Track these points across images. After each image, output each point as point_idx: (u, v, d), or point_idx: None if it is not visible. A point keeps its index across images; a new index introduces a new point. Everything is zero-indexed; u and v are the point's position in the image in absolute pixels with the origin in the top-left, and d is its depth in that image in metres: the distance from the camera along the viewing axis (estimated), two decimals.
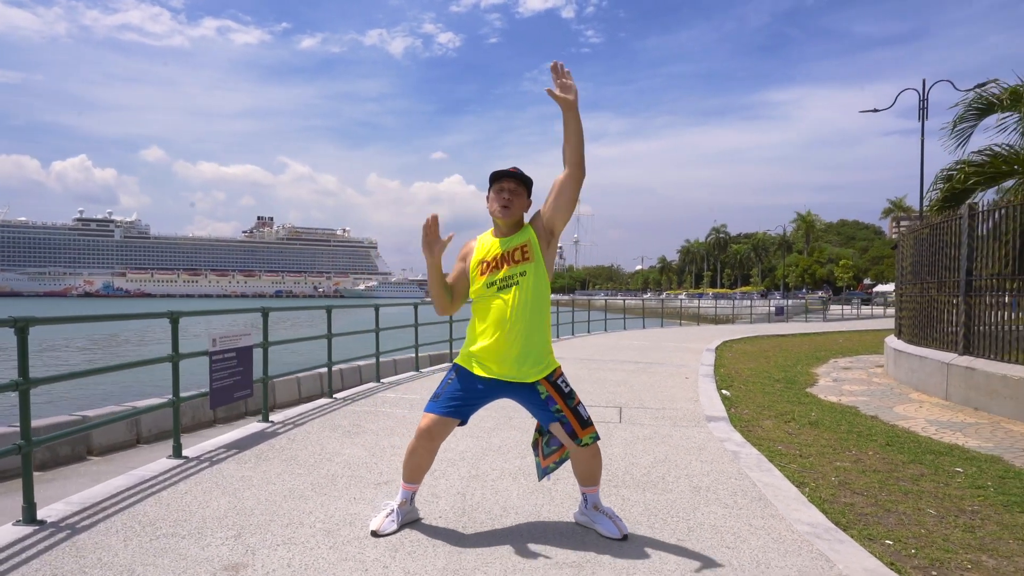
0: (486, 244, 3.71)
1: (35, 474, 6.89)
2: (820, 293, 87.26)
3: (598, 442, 3.70)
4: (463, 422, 3.71)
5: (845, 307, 51.47)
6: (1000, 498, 4.70)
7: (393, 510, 3.78)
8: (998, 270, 8.50)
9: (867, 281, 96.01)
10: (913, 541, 3.84)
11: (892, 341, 12.06)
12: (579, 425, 3.63)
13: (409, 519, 3.86)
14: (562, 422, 3.63)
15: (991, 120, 10.74)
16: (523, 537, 3.68)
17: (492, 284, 3.60)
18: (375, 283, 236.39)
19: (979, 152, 11.02)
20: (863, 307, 52.95)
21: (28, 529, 3.77)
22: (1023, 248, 8.01)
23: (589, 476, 3.77)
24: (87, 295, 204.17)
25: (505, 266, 3.60)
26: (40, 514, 3.97)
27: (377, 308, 10.22)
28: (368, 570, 3.23)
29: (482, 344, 3.61)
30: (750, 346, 17.67)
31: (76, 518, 3.94)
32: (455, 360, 3.78)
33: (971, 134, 10.91)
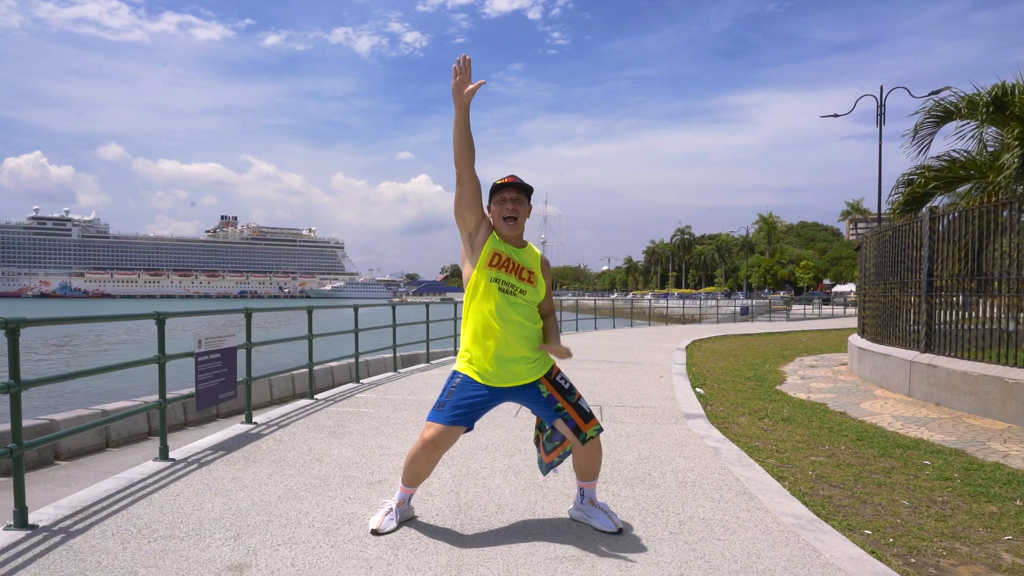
0: (500, 239, 3.67)
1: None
2: (782, 293, 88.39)
3: (600, 436, 3.74)
4: (469, 429, 3.70)
5: (807, 307, 52.23)
6: (967, 488, 4.88)
7: (391, 508, 3.78)
8: (957, 271, 8.75)
9: (826, 281, 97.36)
10: (890, 531, 3.99)
11: (856, 340, 12.32)
12: (582, 420, 3.68)
13: (406, 517, 3.87)
14: (565, 419, 3.68)
15: (950, 127, 11.04)
16: (521, 533, 3.73)
17: (496, 281, 3.59)
18: (342, 283, 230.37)
19: (938, 158, 11.32)
20: (824, 307, 53.72)
21: (21, 533, 3.71)
22: (980, 250, 8.28)
23: (590, 470, 3.81)
24: (43, 296, 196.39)
25: (516, 277, 3.63)
26: (31, 518, 3.91)
27: (356, 308, 10.14)
28: (372, 568, 3.25)
29: (482, 353, 3.61)
30: (719, 345, 17.90)
31: (68, 522, 3.88)
32: (456, 368, 3.75)
33: (931, 141, 11.21)
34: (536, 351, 3.71)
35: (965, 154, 11.11)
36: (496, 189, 3.66)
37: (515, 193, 3.62)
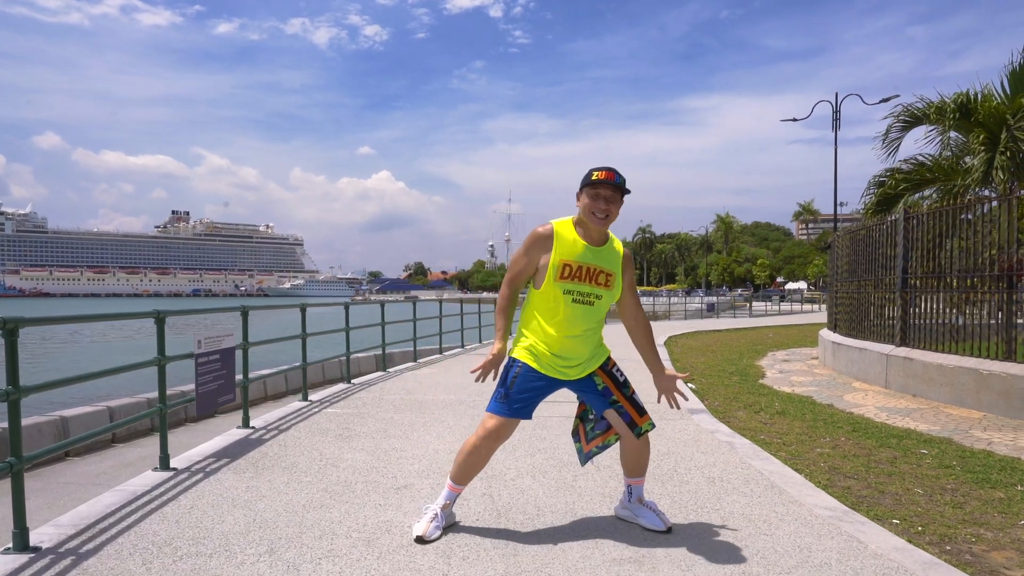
0: (571, 244, 3.43)
1: None
2: (740, 291, 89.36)
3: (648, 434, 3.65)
4: (528, 418, 3.56)
5: (767, 304, 52.94)
6: (969, 475, 4.95)
7: (437, 514, 3.55)
8: (930, 269, 8.89)
9: (780, 279, 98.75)
10: (916, 520, 4.00)
11: (828, 334, 12.45)
12: (636, 414, 3.58)
13: (449, 522, 3.66)
14: (620, 412, 3.57)
15: (918, 131, 11.21)
16: (569, 536, 3.60)
17: (569, 292, 3.40)
18: (302, 281, 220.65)
19: (906, 161, 11.49)
20: (781, 303, 54.44)
21: (24, 558, 3.26)
22: (941, 248, 8.46)
23: (638, 466, 3.72)
24: None
25: (590, 282, 3.42)
26: (33, 539, 3.48)
27: (347, 307, 9.86)
28: None
29: (549, 346, 3.45)
30: (693, 341, 18.02)
31: (75, 542, 3.49)
32: (514, 354, 3.57)
33: (900, 144, 11.38)
34: (595, 348, 3.57)
35: (931, 158, 11.28)
36: (592, 183, 3.40)
37: (610, 192, 3.38)
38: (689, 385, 9.33)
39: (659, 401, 3.80)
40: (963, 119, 10.02)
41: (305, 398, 7.89)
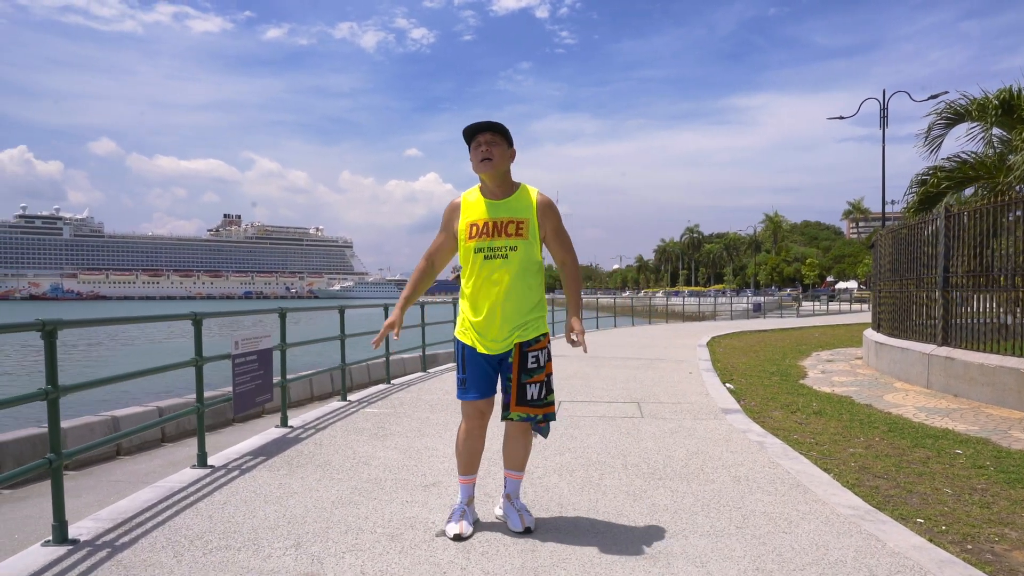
0: (473, 204, 3.45)
1: (5, 491, 6.29)
2: (789, 291, 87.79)
3: (527, 429, 3.55)
4: (495, 392, 3.58)
5: (815, 303, 51.91)
6: (1002, 476, 4.83)
7: (464, 510, 3.58)
8: (973, 268, 8.68)
9: (830, 279, 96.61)
10: (940, 519, 3.95)
11: (872, 334, 12.21)
12: (515, 400, 3.46)
13: (473, 518, 3.66)
14: (505, 389, 3.50)
15: (961, 129, 10.95)
16: (589, 532, 3.62)
17: (480, 250, 3.38)
18: (351, 283, 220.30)
19: (948, 159, 11.23)
20: (830, 303, 53.35)
21: (62, 549, 3.34)
22: (987, 247, 8.24)
23: (510, 458, 3.64)
24: (32, 298, 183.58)
25: (498, 235, 3.36)
26: (72, 531, 3.56)
27: (386, 308, 9.94)
28: (446, 573, 3.07)
29: (478, 320, 3.44)
30: (737, 341, 17.81)
31: (112, 535, 3.56)
32: (456, 334, 3.60)
33: (942, 142, 11.13)
34: (530, 314, 3.47)
35: (974, 155, 11.00)
36: (470, 136, 3.39)
37: (489, 135, 3.35)
38: (727, 385, 9.26)
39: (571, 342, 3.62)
40: (1006, 115, 9.78)
41: (344, 398, 7.93)
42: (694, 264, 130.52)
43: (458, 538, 3.46)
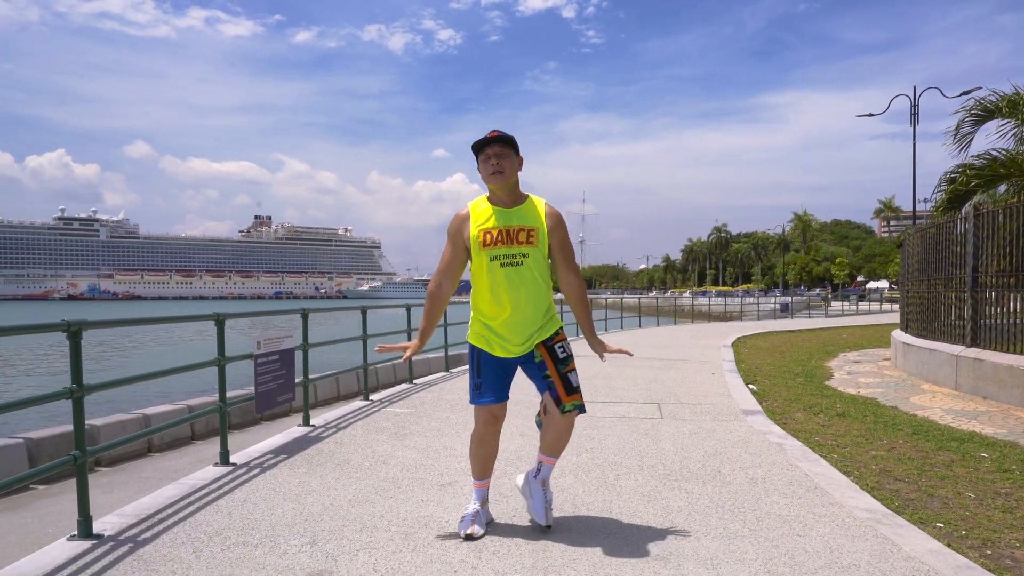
0: (483, 212, 3.48)
1: (40, 487, 6.45)
2: (818, 290, 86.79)
3: (575, 416, 3.54)
4: (507, 398, 3.61)
5: (844, 303, 51.23)
6: None
7: (478, 511, 3.60)
8: (1003, 267, 8.51)
9: (860, 278, 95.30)
10: (961, 523, 3.87)
11: (900, 335, 12.03)
12: (564, 391, 3.49)
13: (487, 519, 3.69)
14: (549, 385, 3.51)
15: (991, 126, 10.73)
16: (601, 533, 3.61)
17: (496, 258, 3.41)
18: (379, 283, 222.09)
19: (978, 156, 11.01)
20: (860, 303, 52.63)
21: (86, 544, 3.44)
22: (1019, 245, 8.04)
23: (555, 446, 3.62)
24: (70, 298, 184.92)
25: (512, 243, 3.41)
26: (97, 527, 3.65)
27: (409, 308, 9.98)
28: (457, 571, 3.09)
29: (497, 324, 3.47)
30: (763, 342, 17.63)
31: (134, 530, 3.64)
32: (470, 340, 3.60)
33: (972, 139, 10.92)
34: (543, 317, 3.52)
35: (1005, 152, 10.79)
36: (478, 148, 3.44)
37: (497, 147, 3.40)
38: (750, 386, 9.18)
39: (603, 360, 3.76)
40: None
41: (366, 398, 7.99)
42: (722, 264, 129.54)
43: (470, 538, 3.48)
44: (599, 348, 3.66)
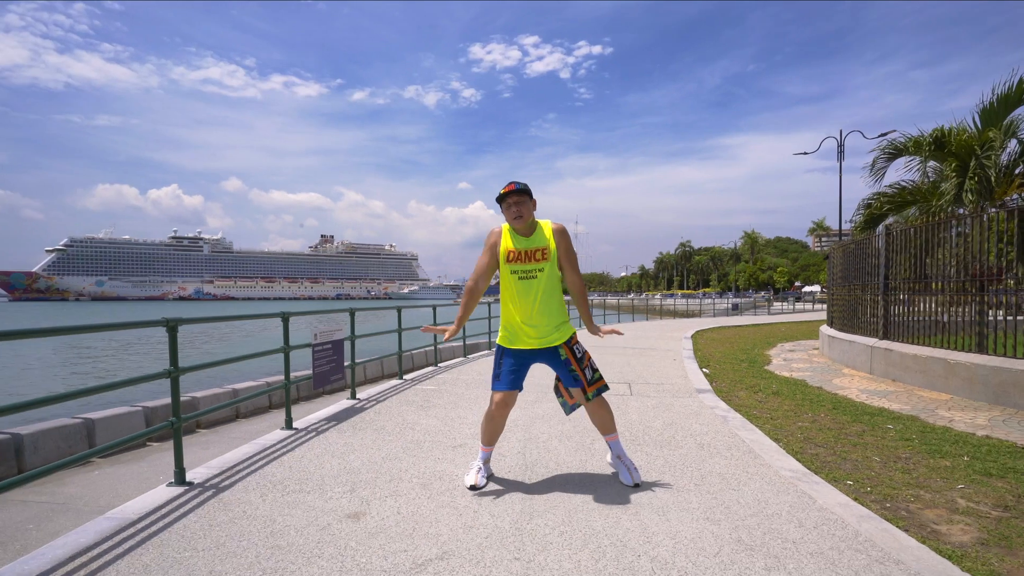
0: (510, 236, 3.58)
1: (155, 444, 6.77)
2: (763, 293, 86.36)
3: (605, 394, 3.61)
4: (520, 389, 3.64)
5: (784, 304, 50.97)
6: (924, 447, 4.69)
7: (480, 468, 3.69)
8: (908, 275, 8.45)
9: (797, 283, 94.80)
10: (867, 482, 3.85)
11: (826, 329, 11.94)
12: (587, 382, 3.59)
13: (487, 473, 3.77)
14: (575, 379, 3.59)
15: (900, 162, 10.67)
16: (578, 486, 3.62)
17: (516, 272, 3.52)
18: (416, 287, 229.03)
19: (890, 186, 10.95)
20: (796, 304, 52.34)
21: (180, 489, 3.62)
22: (924, 258, 8.00)
23: (603, 425, 3.69)
24: (181, 299, 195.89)
25: (529, 261, 3.52)
26: (188, 476, 3.83)
27: (435, 308, 9.97)
28: (462, 515, 3.17)
29: (518, 321, 3.55)
30: (716, 335, 17.53)
31: (217, 479, 3.79)
32: (499, 343, 3.67)
33: (884, 173, 10.82)
34: (558, 320, 3.61)
35: (911, 183, 10.72)
36: (501, 199, 3.54)
37: (516, 197, 3.49)
38: (704, 370, 9.13)
39: (601, 337, 3.82)
40: (937, 150, 9.50)
41: (401, 377, 8.12)
42: (686, 272, 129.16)
43: (474, 488, 3.58)
44: (596, 332, 3.76)
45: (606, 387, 3.66)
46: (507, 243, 3.56)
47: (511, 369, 3.60)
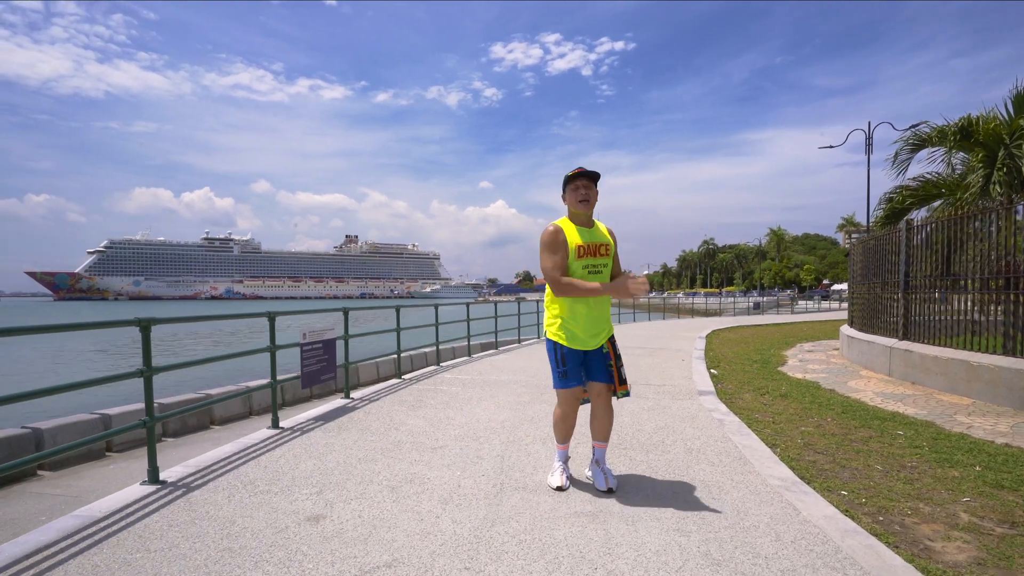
0: (573, 231, 3.47)
1: (169, 440, 6.94)
2: (788, 292, 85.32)
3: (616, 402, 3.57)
4: (585, 381, 3.59)
5: (809, 302, 50.23)
6: (933, 455, 4.47)
7: (563, 468, 3.67)
8: (929, 273, 8.18)
9: (826, 281, 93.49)
10: (864, 492, 3.66)
11: (846, 329, 11.66)
12: (619, 381, 3.56)
13: (568, 474, 3.72)
14: (610, 376, 3.55)
15: (924, 153, 10.34)
16: (548, 491, 3.52)
17: (587, 267, 3.44)
18: (438, 286, 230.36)
19: (914, 179, 10.63)
20: (823, 302, 51.53)
21: (151, 488, 3.65)
22: (949, 255, 7.70)
23: (603, 430, 3.63)
24: (213, 298, 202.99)
25: (596, 255, 3.46)
26: (163, 475, 3.85)
27: (437, 307, 9.96)
28: (423, 520, 3.08)
29: (581, 321, 3.46)
30: (733, 334, 17.25)
31: (191, 479, 3.81)
32: (552, 338, 3.54)
33: (908, 165, 10.50)
34: (608, 319, 3.61)
35: (937, 175, 10.39)
36: (569, 180, 3.49)
37: (586, 180, 3.46)
38: (712, 371, 8.94)
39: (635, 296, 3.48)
40: (964, 140, 9.17)
41: (399, 376, 8.08)
42: (709, 270, 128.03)
43: (560, 489, 3.52)
44: (631, 277, 3.49)
45: (628, 393, 3.61)
46: (575, 238, 3.46)
47: (575, 366, 3.52)
